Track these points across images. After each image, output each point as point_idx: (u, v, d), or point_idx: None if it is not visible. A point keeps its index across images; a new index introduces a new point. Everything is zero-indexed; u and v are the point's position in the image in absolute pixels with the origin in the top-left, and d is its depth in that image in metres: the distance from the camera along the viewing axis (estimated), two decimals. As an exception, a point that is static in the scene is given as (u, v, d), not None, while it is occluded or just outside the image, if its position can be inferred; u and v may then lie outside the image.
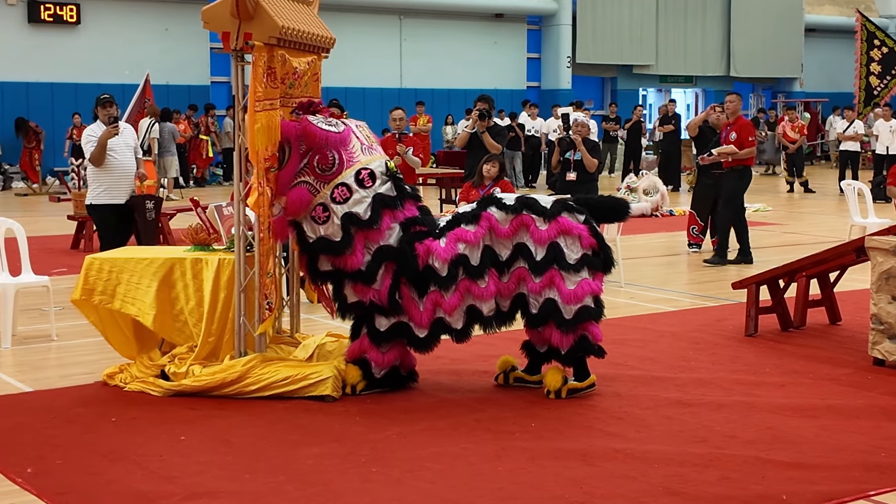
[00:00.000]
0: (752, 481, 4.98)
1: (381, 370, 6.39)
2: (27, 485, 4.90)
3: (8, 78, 23.33)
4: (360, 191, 6.24)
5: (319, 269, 6.34)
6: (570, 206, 6.38)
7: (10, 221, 8.38)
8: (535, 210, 6.29)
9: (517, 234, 6.28)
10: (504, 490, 4.86)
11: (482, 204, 6.39)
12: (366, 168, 6.30)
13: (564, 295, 6.19)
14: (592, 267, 6.29)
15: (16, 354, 7.64)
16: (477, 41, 29.28)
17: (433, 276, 6.21)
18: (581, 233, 6.27)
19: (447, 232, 6.29)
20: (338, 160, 6.25)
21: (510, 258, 6.30)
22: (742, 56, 33.05)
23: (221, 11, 6.25)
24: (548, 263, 6.21)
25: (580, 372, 6.42)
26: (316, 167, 6.24)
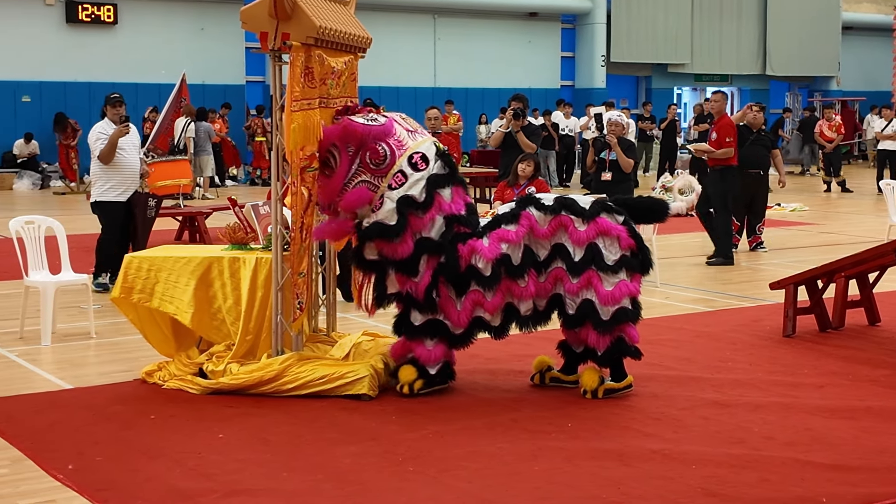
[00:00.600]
0: (790, 483, 4.94)
1: (434, 366, 6.36)
2: (68, 481, 4.95)
3: (46, 77, 23.59)
4: (415, 174, 6.24)
5: (366, 258, 6.32)
6: (609, 207, 6.35)
7: (51, 220, 8.47)
8: (574, 211, 6.28)
9: (555, 234, 6.27)
10: (540, 490, 4.86)
11: (521, 204, 6.38)
12: (417, 152, 6.30)
13: (602, 296, 6.18)
14: (630, 268, 6.26)
15: (56, 352, 7.72)
16: (511, 40, 29.24)
17: (476, 276, 6.20)
18: (620, 234, 6.25)
19: (489, 232, 6.28)
20: (388, 151, 6.24)
21: (548, 258, 6.29)
22: (778, 54, 32.80)
23: (260, 12, 6.28)
24: (586, 264, 6.19)
25: (617, 372, 6.40)
26: (370, 163, 6.22)
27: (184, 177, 15.17)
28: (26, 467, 5.18)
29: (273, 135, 6.60)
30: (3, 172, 22.91)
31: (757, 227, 12.87)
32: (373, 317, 6.69)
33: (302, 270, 6.46)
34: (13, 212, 14.13)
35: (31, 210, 14.20)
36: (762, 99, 30.56)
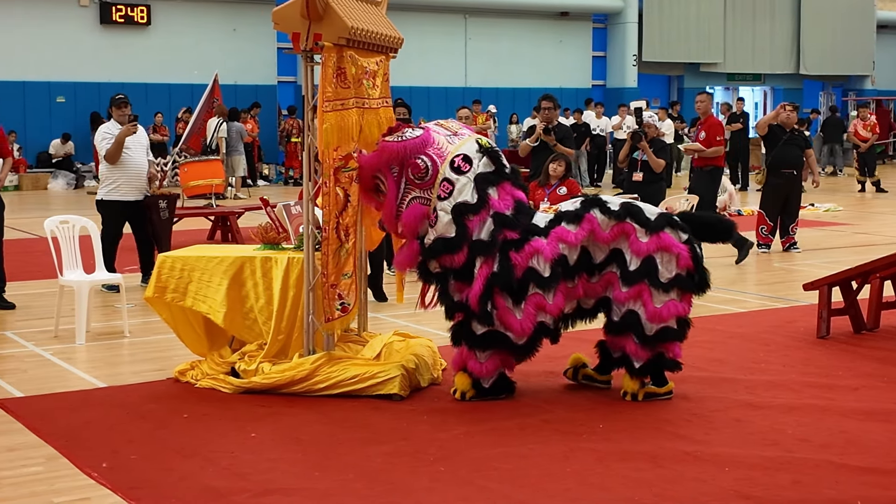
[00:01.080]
0: (825, 486, 4.90)
1: (488, 380, 6.27)
2: (102, 479, 4.99)
3: (80, 78, 23.80)
4: (461, 178, 6.14)
5: (431, 270, 6.26)
6: (675, 223, 6.21)
7: (85, 220, 8.55)
8: (639, 220, 6.15)
9: (616, 240, 6.15)
10: (572, 491, 4.84)
11: (586, 205, 6.24)
12: (458, 154, 6.20)
13: (649, 312, 6.08)
14: (683, 288, 6.15)
15: (90, 350, 7.78)
16: (542, 40, 29.19)
17: (535, 278, 6.06)
18: (680, 252, 6.10)
19: (550, 230, 6.17)
20: (429, 162, 6.14)
21: (604, 262, 6.18)
22: (812, 53, 32.55)
23: (292, 12, 6.30)
24: (639, 276, 6.08)
25: (658, 379, 6.33)
26: (414, 178, 6.14)
27: (216, 177, 15.30)
28: (61, 465, 5.22)
29: (304, 135, 6.62)
30: (38, 172, 23.15)
31: (790, 227, 12.77)
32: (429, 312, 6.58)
33: (347, 272, 6.47)
34: (48, 211, 14.27)
35: (65, 210, 14.33)
36: (795, 98, 30.32)
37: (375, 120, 6.48)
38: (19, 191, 22.50)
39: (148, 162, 10.02)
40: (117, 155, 9.63)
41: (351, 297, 6.56)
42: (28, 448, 5.49)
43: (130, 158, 9.72)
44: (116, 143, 9.60)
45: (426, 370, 6.64)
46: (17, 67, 23.22)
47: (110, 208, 9.78)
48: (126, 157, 9.69)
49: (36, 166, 23.46)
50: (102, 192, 9.87)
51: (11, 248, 13.07)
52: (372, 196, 6.36)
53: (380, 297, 9.55)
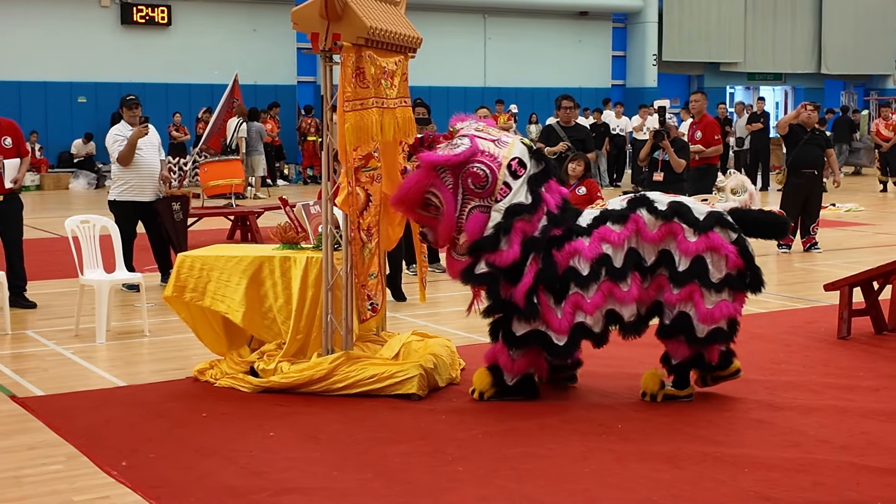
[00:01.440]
0: (845, 487, 4.87)
1: (513, 377, 6.23)
2: (122, 478, 5.01)
3: (101, 78, 23.92)
4: (516, 181, 6.10)
5: (475, 273, 6.13)
6: (724, 222, 6.11)
7: (106, 220, 8.59)
8: (687, 220, 6.05)
9: (664, 240, 6.06)
10: (590, 491, 4.83)
11: (633, 204, 6.15)
12: (514, 158, 6.12)
13: (701, 313, 5.98)
14: (734, 288, 6.06)
15: (110, 349, 7.82)
16: (561, 39, 29.15)
17: (575, 277, 6.02)
18: (729, 252, 6.01)
19: (593, 230, 6.11)
20: (487, 169, 6.06)
21: (654, 264, 6.08)
22: (833, 52, 32.37)
23: (310, 12, 6.31)
24: (690, 277, 5.99)
25: (681, 381, 6.28)
26: (474, 188, 6.06)
27: (236, 176, 15.34)
28: (81, 463, 5.25)
29: (323, 135, 6.63)
30: (60, 172, 23.29)
31: (811, 227, 12.70)
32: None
33: (373, 272, 6.48)
34: (69, 211, 14.34)
35: (86, 209, 14.41)
36: (817, 98, 30.16)
37: (392, 120, 6.48)
38: (41, 190, 22.65)
39: (160, 162, 10.05)
40: (130, 157, 9.65)
41: (378, 297, 6.58)
42: (48, 446, 5.52)
43: (142, 159, 9.74)
44: (129, 145, 9.62)
45: (444, 370, 6.64)
46: (39, 68, 23.37)
47: (123, 209, 9.81)
48: (138, 157, 9.72)
49: (57, 166, 23.60)
50: (115, 192, 9.90)
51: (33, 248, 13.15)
52: (421, 214, 6.21)
53: (398, 296, 9.56)
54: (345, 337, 6.57)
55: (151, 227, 10.11)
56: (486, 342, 7.96)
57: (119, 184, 9.86)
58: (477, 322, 8.81)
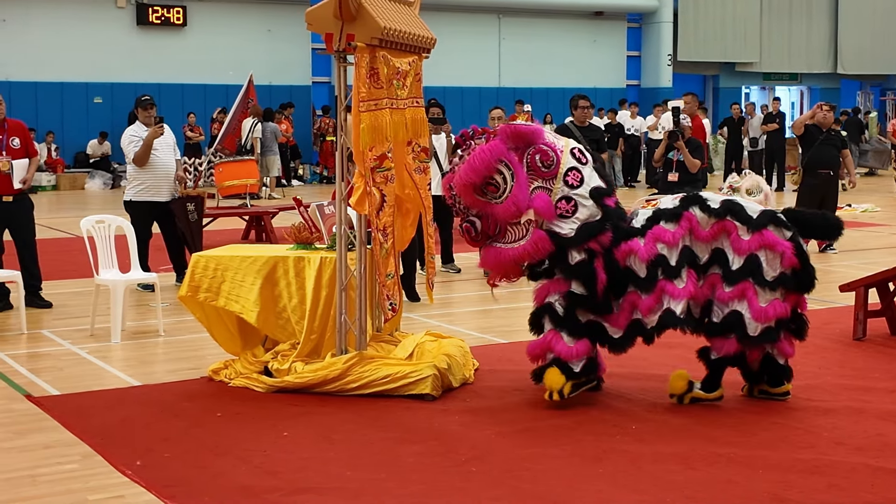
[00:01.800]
0: (861, 489, 4.85)
1: (578, 362, 6.11)
2: (136, 477, 5.03)
3: (117, 79, 24.01)
4: (585, 167, 6.11)
5: (570, 264, 6.03)
6: (778, 220, 6.04)
7: (121, 220, 8.63)
8: (740, 217, 5.98)
9: (717, 238, 6.00)
10: (604, 493, 4.82)
11: (685, 202, 6.09)
12: (573, 147, 6.16)
13: (755, 311, 5.89)
14: (787, 288, 5.96)
15: (125, 349, 7.85)
16: (576, 39, 29.12)
17: (633, 278, 6.00)
18: (784, 250, 5.92)
19: (647, 230, 6.05)
20: (552, 151, 6.07)
21: (707, 262, 6.02)
22: (849, 52, 32.24)
23: (324, 13, 6.32)
24: (742, 275, 5.90)
25: (712, 382, 6.19)
26: (540, 166, 6.05)
27: (250, 177, 15.38)
28: (96, 463, 5.27)
29: (337, 135, 6.64)
30: (76, 172, 23.39)
31: (827, 228, 12.62)
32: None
33: (389, 272, 6.49)
34: (85, 211, 14.39)
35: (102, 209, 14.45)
36: (833, 98, 30.05)
37: (402, 120, 6.48)
38: (57, 191, 22.75)
39: (176, 162, 10.08)
40: (146, 157, 9.68)
41: (396, 297, 6.59)
42: (64, 446, 5.54)
43: (158, 159, 9.76)
44: (145, 145, 9.65)
45: (458, 370, 6.64)
46: (55, 68, 23.47)
47: (139, 209, 9.84)
48: (154, 157, 9.74)
49: (73, 166, 23.70)
50: (130, 192, 9.91)
51: (49, 248, 13.22)
52: (477, 197, 6.07)
53: (412, 296, 9.56)
54: (358, 337, 6.58)
55: (167, 228, 10.14)
56: (500, 342, 7.99)
57: (135, 184, 9.89)
58: (491, 322, 8.84)
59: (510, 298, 10.14)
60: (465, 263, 11.61)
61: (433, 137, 10.88)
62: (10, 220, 9.17)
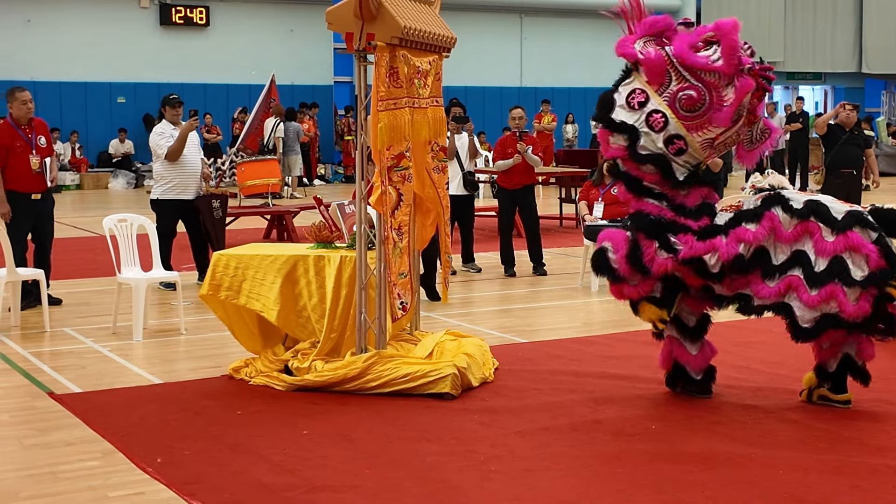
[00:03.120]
0: (884, 490, 4.81)
1: (698, 372, 6.28)
2: (157, 474, 5.05)
3: (140, 79, 24.15)
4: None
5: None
6: (864, 221, 5.83)
7: (143, 219, 8.67)
8: (825, 219, 5.82)
9: (799, 240, 5.85)
10: (623, 493, 4.81)
11: (767, 203, 5.97)
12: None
13: (847, 313, 5.74)
14: (878, 286, 5.74)
15: (146, 347, 7.89)
16: (598, 39, 28.98)
17: (705, 273, 5.96)
18: (870, 253, 5.73)
19: (729, 230, 5.95)
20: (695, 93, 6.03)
21: (785, 263, 5.88)
22: (874, 51, 32.01)
23: (345, 12, 6.33)
24: (829, 277, 5.74)
25: (838, 385, 6.11)
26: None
27: (272, 176, 15.42)
28: (117, 460, 5.30)
29: (357, 134, 6.65)
30: (99, 172, 23.53)
31: (850, 228, 12.54)
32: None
33: (403, 271, 6.50)
34: (108, 210, 14.48)
35: (125, 209, 14.55)
36: (857, 98, 29.84)
37: (424, 119, 6.48)
38: (80, 190, 22.90)
39: (200, 160, 10.13)
40: (180, 151, 9.71)
41: (408, 296, 6.59)
42: (85, 443, 5.58)
43: (186, 158, 9.83)
44: (180, 138, 9.69)
45: (478, 369, 6.63)
46: (79, 68, 23.63)
47: (165, 207, 9.90)
48: (182, 156, 9.79)
49: (97, 166, 23.85)
50: (158, 191, 9.97)
51: (72, 246, 13.33)
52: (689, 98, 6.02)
53: (432, 296, 9.57)
54: (378, 336, 6.58)
55: (192, 226, 10.17)
56: (520, 341, 7.99)
57: (162, 182, 9.92)
58: (511, 322, 8.84)
59: (530, 298, 10.14)
60: (486, 263, 11.61)
61: (455, 137, 10.89)
62: (37, 216, 9.22)
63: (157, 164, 10.00)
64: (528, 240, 11.23)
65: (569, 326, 8.68)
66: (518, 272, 11.10)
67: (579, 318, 9.05)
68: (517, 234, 11.83)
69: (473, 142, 11.23)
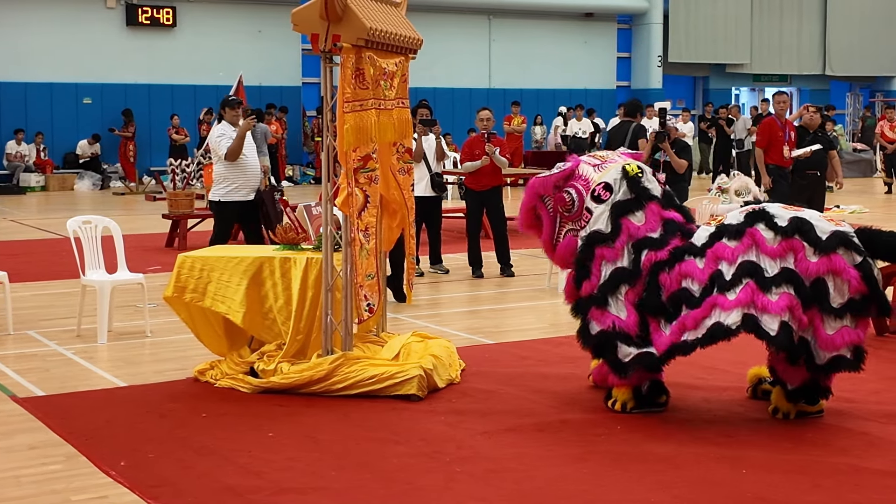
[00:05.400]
0: (845, 489, 4.86)
1: (644, 385, 6.01)
2: (120, 477, 5.02)
3: (107, 80, 23.95)
4: (599, 206, 5.97)
5: (590, 333, 5.99)
6: (850, 243, 5.68)
7: (107, 220, 8.59)
8: (809, 238, 5.65)
9: (783, 257, 5.66)
10: (589, 493, 4.83)
11: (751, 218, 5.80)
12: (600, 182, 6.01)
13: (821, 340, 5.64)
14: (857, 314, 5.65)
15: (111, 350, 7.83)
16: (566, 41, 29.13)
17: (687, 299, 5.75)
18: (851, 278, 5.59)
19: (707, 249, 5.80)
20: (575, 193, 6.02)
21: (777, 277, 5.63)
22: (838, 54, 32.32)
23: (310, 14, 6.32)
24: (809, 301, 5.60)
25: (810, 395, 5.97)
26: (562, 211, 6.08)
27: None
28: (80, 463, 5.26)
29: (324, 136, 6.64)
30: (65, 173, 23.33)
31: (815, 229, 12.64)
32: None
33: (370, 273, 6.49)
34: (74, 211, 14.36)
35: (91, 210, 14.45)
36: (822, 100, 30.14)
37: (390, 121, 6.48)
38: (46, 191, 22.69)
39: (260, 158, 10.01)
40: (239, 150, 9.49)
41: (375, 298, 6.58)
42: (48, 446, 5.53)
43: (245, 159, 9.59)
44: (238, 137, 9.47)
45: (444, 371, 6.64)
46: (45, 69, 23.40)
47: (226, 209, 9.62)
48: (242, 157, 9.58)
49: (63, 167, 23.65)
50: (219, 192, 9.66)
51: (37, 248, 13.21)
52: (534, 229, 6.36)
53: (400, 297, 9.56)
54: (344, 338, 6.57)
55: (250, 227, 9.98)
56: (487, 343, 8.00)
57: (223, 184, 9.65)
58: (479, 323, 8.85)
59: (497, 299, 10.15)
60: (454, 264, 11.62)
61: (423, 139, 10.88)
62: None
63: (218, 165, 9.69)
64: (495, 241, 11.25)
65: (536, 327, 8.70)
66: (486, 273, 11.11)
67: (546, 319, 9.07)
68: (485, 236, 11.84)
69: (441, 144, 11.23)
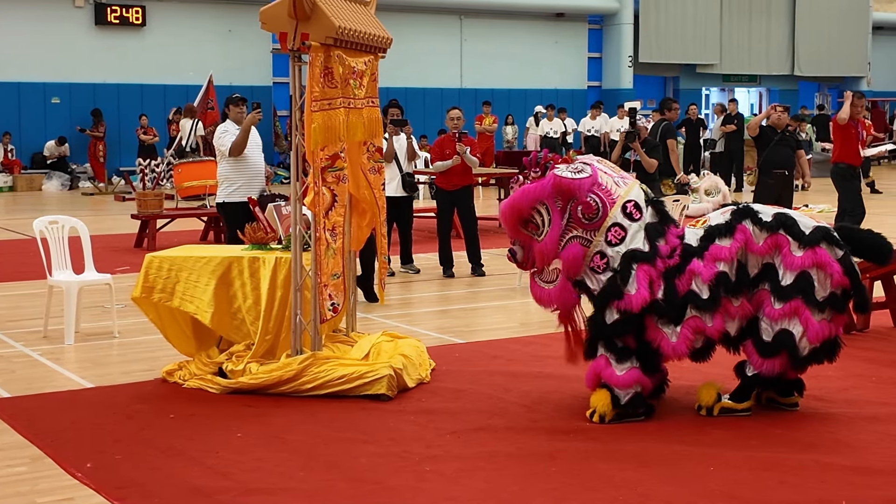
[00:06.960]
0: (811, 485, 4.90)
1: (625, 394, 5.85)
2: (86, 479, 4.97)
3: (76, 79, 23.78)
4: (633, 224, 5.86)
5: (607, 322, 5.85)
6: (831, 237, 5.84)
7: (74, 220, 8.52)
8: (793, 233, 5.79)
9: (769, 253, 5.81)
10: (558, 491, 4.83)
11: (737, 215, 5.90)
12: (630, 200, 5.89)
13: (811, 331, 5.74)
14: (835, 308, 5.79)
15: (78, 351, 7.76)
16: (538, 41, 29.21)
17: (694, 300, 5.78)
18: (834, 272, 5.74)
19: (703, 252, 5.85)
20: (600, 203, 5.86)
21: (756, 277, 5.83)
22: (807, 55, 32.59)
23: (279, 12, 6.29)
24: (794, 292, 5.72)
25: (744, 392, 6.04)
26: (582, 217, 5.85)
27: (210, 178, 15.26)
28: (46, 465, 5.21)
29: (292, 135, 6.61)
30: (33, 173, 23.13)
31: (783, 228, 12.74)
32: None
33: (336, 272, 6.46)
34: (42, 212, 14.23)
35: (60, 210, 14.33)
36: (791, 100, 30.37)
37: (360, 120, 6.46)
38: (13, 192, 22.50)
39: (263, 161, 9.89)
40: (244, 145, 9.29)
41: (340, 298, 6.55)
42: (13, 448, 5.48)
43: (249, 158, 9.45)
44: (243, 131, 9.27)
45: (414, 371, 6.63)
46: (13, 68, 23.20)
47: (233, 210, 9.49)
48: (246, 156, 9.44)
49: (30, 167, 23.45)
50: (223, 193, 9.54)
51: (3, 249, 13.09)
52: (520, 229, 5.99)
53: (370, 297, 9.54)
54: (314, 338, 6.55)
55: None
56: (458, 342, 8.00)
57: (227, 185, 9.49)
58: (449, 323, 8.84)
59: (468, 299, 10.15)
60: (424, 264, 11.61)
61: (394, 139, 10.87)
62: None
63: (222, 165, 9.50)
64: (466, 241, 11.25)
65: (506, 327, 8.71)
66: (457, 273, 11.11)
67: (517, 319, 9.08)
68: (456, 235, 11.84)
69: (412, 143, 11.22)
